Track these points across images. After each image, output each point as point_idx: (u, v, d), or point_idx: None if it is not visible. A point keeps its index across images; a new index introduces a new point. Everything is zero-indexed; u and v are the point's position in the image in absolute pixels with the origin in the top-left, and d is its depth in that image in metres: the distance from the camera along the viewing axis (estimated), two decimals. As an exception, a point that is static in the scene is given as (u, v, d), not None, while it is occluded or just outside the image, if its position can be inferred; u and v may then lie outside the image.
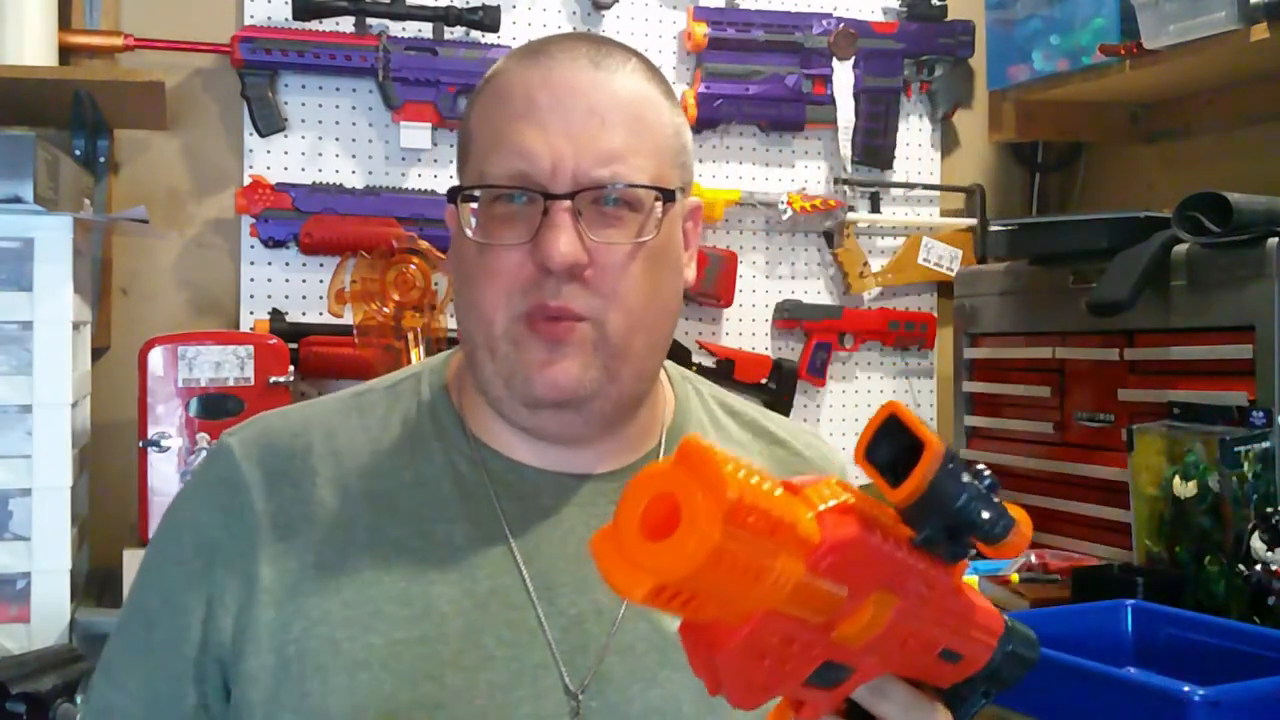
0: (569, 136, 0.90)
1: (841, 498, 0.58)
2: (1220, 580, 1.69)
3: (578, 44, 0.94)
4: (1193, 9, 1.93)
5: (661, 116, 0.94)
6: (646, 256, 0.91)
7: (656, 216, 0.92)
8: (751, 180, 2.40)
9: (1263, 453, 1.67)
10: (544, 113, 0.90)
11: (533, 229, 0.89)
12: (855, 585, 0.59)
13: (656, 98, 0.95)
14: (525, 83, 0.92)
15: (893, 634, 0.63)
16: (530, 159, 0.89)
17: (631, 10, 2.32)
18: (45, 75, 1.85)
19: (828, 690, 0.64)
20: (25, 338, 1.63)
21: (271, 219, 2.12)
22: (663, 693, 0.90)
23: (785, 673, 0.60)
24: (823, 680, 0.62)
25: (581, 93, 0.91)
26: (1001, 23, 2.37)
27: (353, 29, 2.17)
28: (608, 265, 0.90)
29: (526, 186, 0.90)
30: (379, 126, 2.21)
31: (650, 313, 0.93)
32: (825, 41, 2.38)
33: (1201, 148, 2.36)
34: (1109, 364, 2.01)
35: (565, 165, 0.89)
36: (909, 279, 2.46)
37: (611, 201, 0.90)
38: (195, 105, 2.17)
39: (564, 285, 0.89)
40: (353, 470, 0.95)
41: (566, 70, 0.92)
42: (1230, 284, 1.77)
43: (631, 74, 0.94)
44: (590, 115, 0.90)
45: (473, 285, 0.92)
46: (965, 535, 0.61)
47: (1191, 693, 1.28)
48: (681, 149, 0.97)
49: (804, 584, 0.55)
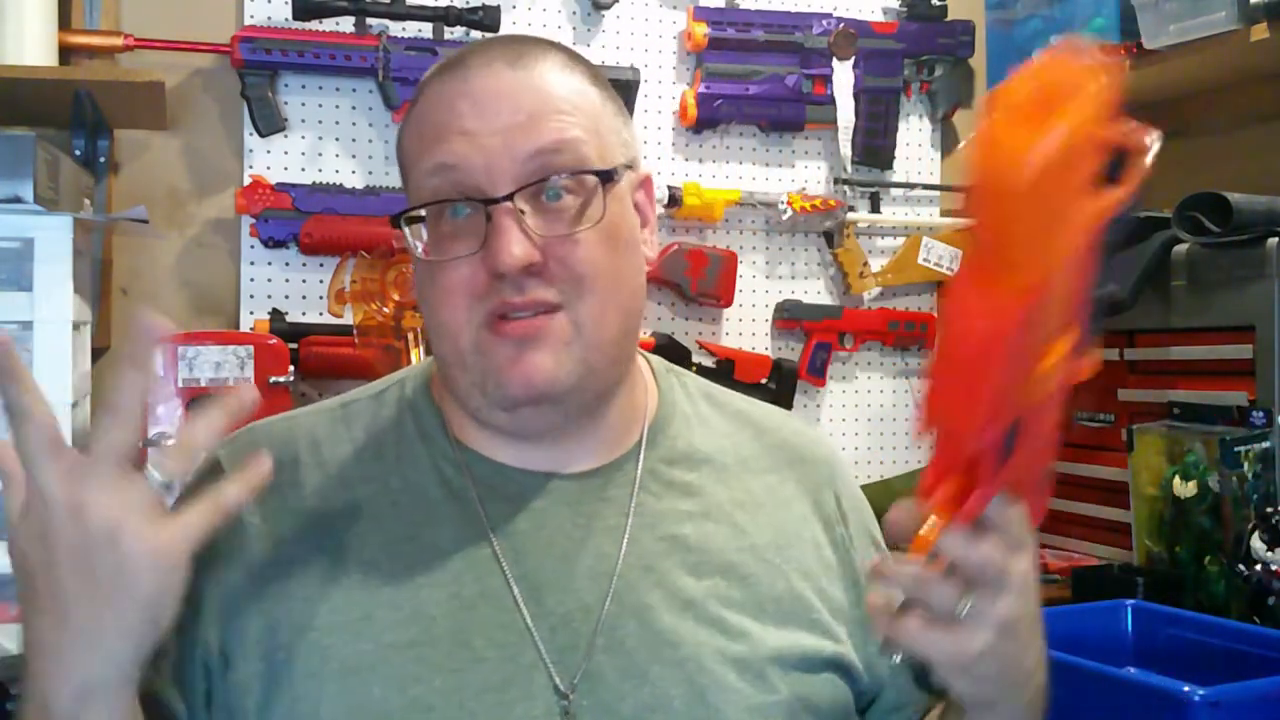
0: (496, 138, 0.90)
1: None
2: (1220, 580, 1.69)
3: (491, 48, 0.95)
4: (1193, 9, 1.93)
5: (588, 100, 0.94)
6: (600, 237, 0.91)
7: (600, 197, 0.91)
8: (751, 180, 2.39)
9: (1263, 453, 1.67)
10: (468, 120, 0.90)
11: (480, 237, 0.89)
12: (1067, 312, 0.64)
13: (579, 84, 0.95)
14: (447, 96, 0.93)
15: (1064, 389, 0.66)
16: (463, 169, 0.90)
17: (631, 10, 2.32)
18: (45, 75, 1.85)
19: (999, 465, 0.68)
20: (25, 338, 1.63)
21: (271, 219, 2.12)
22: (654, 690, 0.90)
23: (1001, 400, 0.65)
24: (1007, 446, 0.66)
25: (504, 95, 0.91)
26: (1001, 23, 2.37)
27: (353, 29, 2.17)
28: (564, 256, 0.90)
29: (466, 195, 0.90)
30: (379, 126, 2.21)
31: (619, 293, 0.93)
32: (825, 41, 2.38)
33: (1201, 148, 2.36)
34: (1109, 364, 2.01)
35: (498, 166, 0.89)
36: (909, 279, 2.46)
37: (553, 194, 0.91)
38: (195, 105, 2.17)
39: (525, 282, 0.89)
40: (339, 479, 0.95)
41: (484, 76, 0.92)
42: (1230, 284, 1.77)
43: (551, 67, 0.94)
44: (515, 114, 0.90)
45: (434, 305, 0.92)
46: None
47: (1191, 693, 1.28)
48: (618, 127, 0.97)
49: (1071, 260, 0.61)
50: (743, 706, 0.90)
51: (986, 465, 0.69)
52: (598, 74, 0.98)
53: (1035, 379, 0.64)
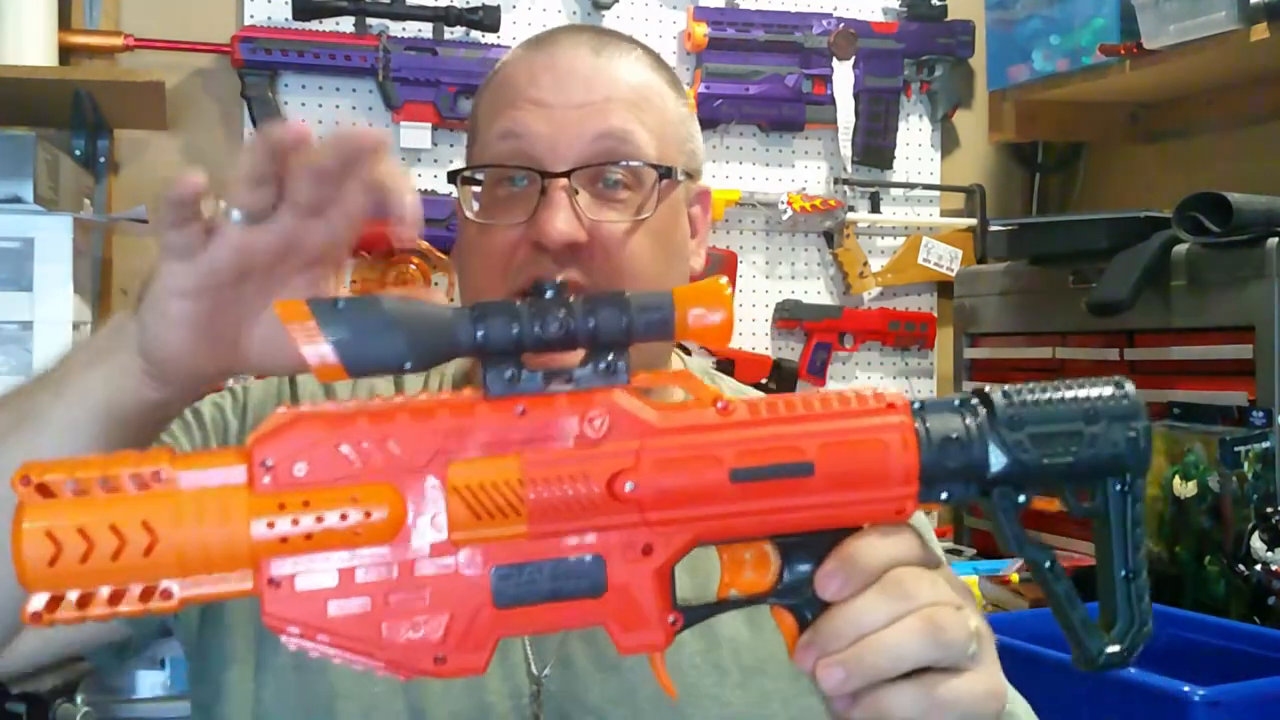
0: (568, 115, 0.91)
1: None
2: (1220, 580, 1.69)
3: (581, 33, 0.97)
4: (1193, 9, 1.92)
5: (665, 103, 0.96)
6: (647, 235, 0.92)
7: (655, 196, 0.92)
8: (751, 180, 2.39)
9: (1263, 453, 1.67)
10: (545, 93, 0.91)
11: (531, 209, 0.90)
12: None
13: (659, 85, 0.96)
14: (529, 68, 0.94)
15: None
16: (529, 138, 0.91)
17: (631, 10, 2.32)
18: (45, 75, 1.85)
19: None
20: (25, 338, 1.63)
21: (271, 219, 2.12)
22: (622, 683, 0.90)
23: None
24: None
25: (583, 75, 0.92)
26: (1001, 23, 2.37)
27: (353, 29, 2.16)
28: (608, 243, 0.90)
29: (525, 165, 0.90)
30: (379, 126, 2.21)
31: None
32: (825, 41, 2.38)
33: (1201, 148, 2.36)
34: (1109, 364, 2.01)
35: (564, 143, 0.90)
36: (909, 279, 2.46)
37: (611, 182, 0.91)
38: (195, 105, 2.17)
39: (565, 261, 0.89)
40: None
41: (569, 55, 0.94)
42: (1230, 284, 1.77)
43: (634, 62, 0.95)
44: (589, 94, 0.91)
45: (470, 266, 0.93)
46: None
47: (1191, 693, 1.28)
48: (687, 136, 0.98)
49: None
50: (715, 715, 0.90)
51: None
52: (677, 81, 1.00)
53: None
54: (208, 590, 0.54)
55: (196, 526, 0.53)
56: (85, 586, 0.53)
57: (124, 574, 0.53)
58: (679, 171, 0.95)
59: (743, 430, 0.60)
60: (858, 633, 0.60)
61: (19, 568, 0.52)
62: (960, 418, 0.62)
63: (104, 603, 0.53)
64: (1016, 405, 0.63)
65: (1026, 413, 0.63)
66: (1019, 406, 0.63)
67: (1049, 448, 0.62)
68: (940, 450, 0.61)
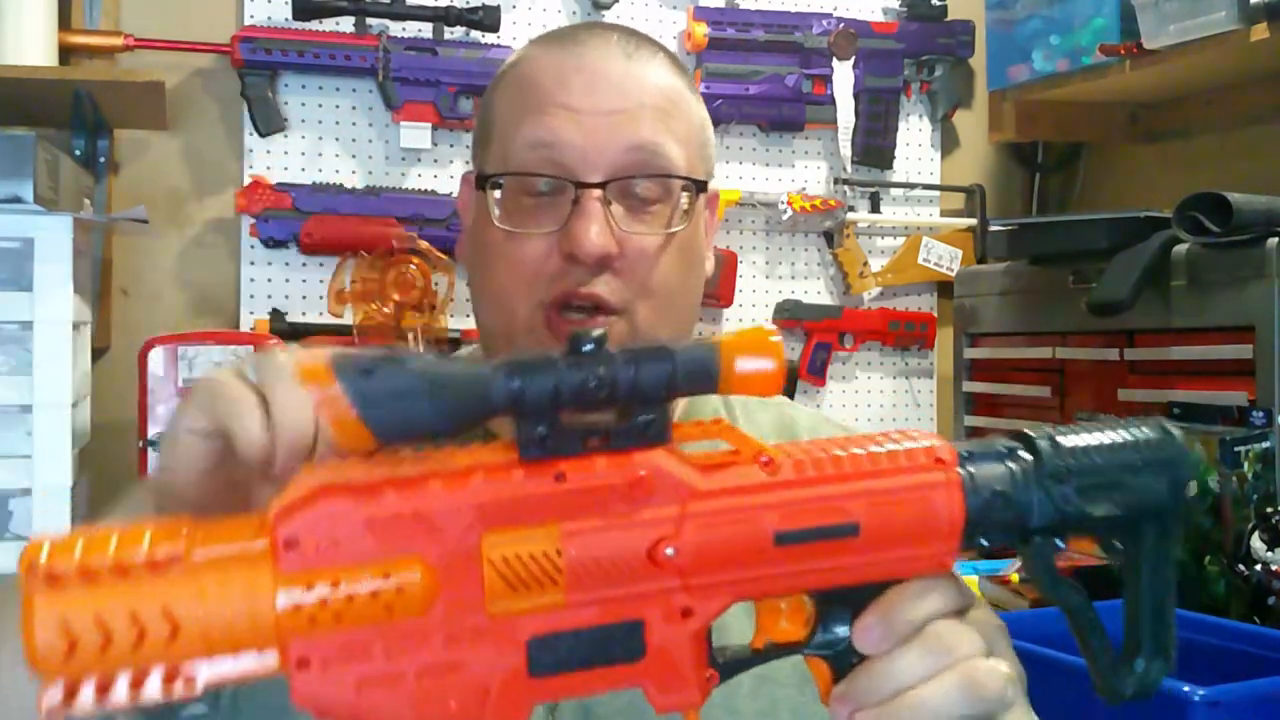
0: (599, 122, 0.88)
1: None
2: (1220, 580, 1.69)
3: (608, 31, 0.94)
4: (1193, 9, 1.92)
5: (690, 109, 0.94)
6: (675, 248, 0.90)
7: (684, 207, 0.91)
8: (751, 180, 2.39)
9: (1263, 453, 1.66)
10: (577, 98, 0.88)
11: (561, 218, 0.87)
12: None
13: (684, 90, 0.94)
14: (557, 67, 0.90)
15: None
16: (562, 145, 0.88)
17: (631, 10, 2.32)
18: (45, 75, 1.85)
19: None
20: (25, 338, 1.63)
21: (271, 219, 2.12)
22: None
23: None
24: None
25: (614, 81, 0.90)
26: (1001, 23, 2.37)
27: (353, 29, 2.16)
28: (639, 257, 0.88)
29: (558, 174, 0.88)
30: (379, 126, 2.21)
31: (678, 306, 0.92)
32: (825, 41, 2.38)
33: (1201, 148, 2.36)
34: (1109, 364, 2.01)
35: (595, 152, 0.88)
36: (909, 279, 2.46)
37: (641, 194, 0.89)
38: (195, 105, 2.17)
39: (594, 275, 0.87)
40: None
41: (600, 57, 0.91)
42: (1230, 284, 1.77)
43: (661, 66, 0.93)
44: (624, 100, 0.89)
45: (493, 274, 0.90)
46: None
47: (1191, 693, 1.28)
48: (706, 142, 0.96)
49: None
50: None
51: None
52: (694, 84, 0.98)
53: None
54: (230, 670, 0.51)
55: (220, 607, 0.51)
56: (105, 674, 0.50)
57: (145, 660, 0.50)
58: (706, 183, 0.93)
59: (787, 491, 0.58)
60: (896, 689, 0.59)
61: (31, 659, 0.49)
62: (1006, 468, 0.61)
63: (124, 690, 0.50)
64: (1064, 455, 0.62)
65: (1073, 464, 0.62)
66: (1065, 456, 0.62)
67: (1092, 498, 0.62)
68: (986, 505, 0.60)
